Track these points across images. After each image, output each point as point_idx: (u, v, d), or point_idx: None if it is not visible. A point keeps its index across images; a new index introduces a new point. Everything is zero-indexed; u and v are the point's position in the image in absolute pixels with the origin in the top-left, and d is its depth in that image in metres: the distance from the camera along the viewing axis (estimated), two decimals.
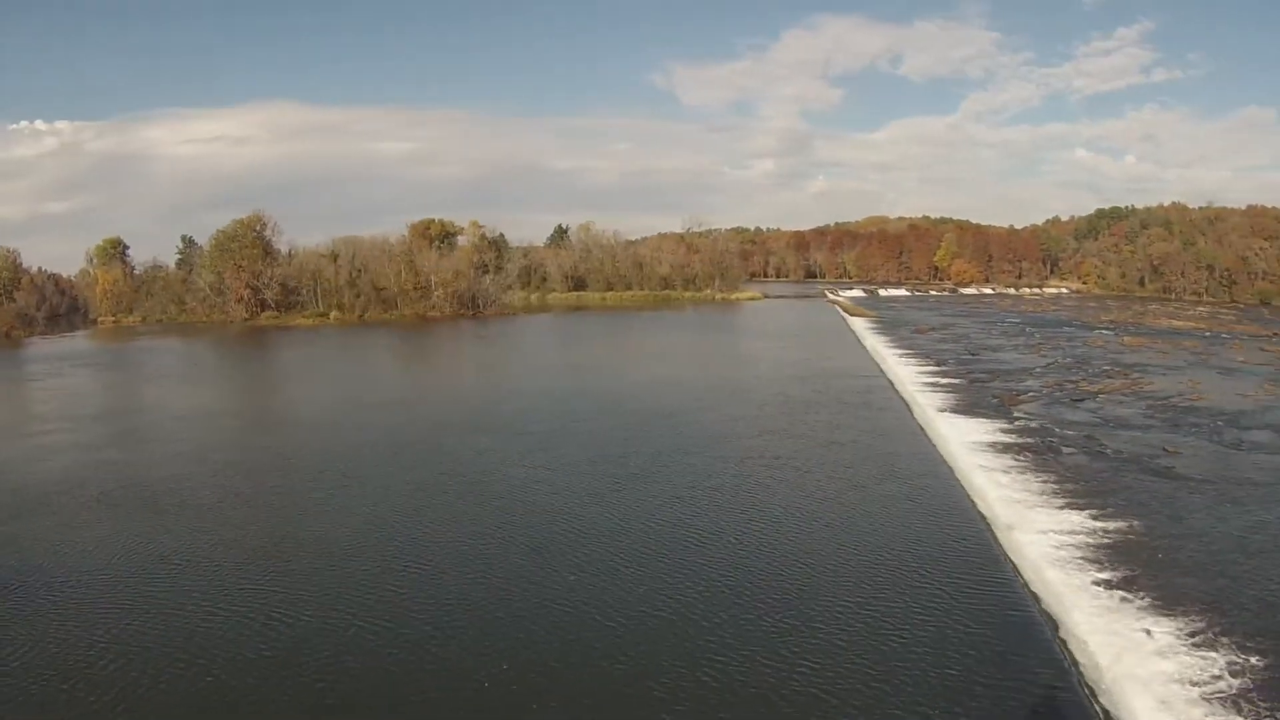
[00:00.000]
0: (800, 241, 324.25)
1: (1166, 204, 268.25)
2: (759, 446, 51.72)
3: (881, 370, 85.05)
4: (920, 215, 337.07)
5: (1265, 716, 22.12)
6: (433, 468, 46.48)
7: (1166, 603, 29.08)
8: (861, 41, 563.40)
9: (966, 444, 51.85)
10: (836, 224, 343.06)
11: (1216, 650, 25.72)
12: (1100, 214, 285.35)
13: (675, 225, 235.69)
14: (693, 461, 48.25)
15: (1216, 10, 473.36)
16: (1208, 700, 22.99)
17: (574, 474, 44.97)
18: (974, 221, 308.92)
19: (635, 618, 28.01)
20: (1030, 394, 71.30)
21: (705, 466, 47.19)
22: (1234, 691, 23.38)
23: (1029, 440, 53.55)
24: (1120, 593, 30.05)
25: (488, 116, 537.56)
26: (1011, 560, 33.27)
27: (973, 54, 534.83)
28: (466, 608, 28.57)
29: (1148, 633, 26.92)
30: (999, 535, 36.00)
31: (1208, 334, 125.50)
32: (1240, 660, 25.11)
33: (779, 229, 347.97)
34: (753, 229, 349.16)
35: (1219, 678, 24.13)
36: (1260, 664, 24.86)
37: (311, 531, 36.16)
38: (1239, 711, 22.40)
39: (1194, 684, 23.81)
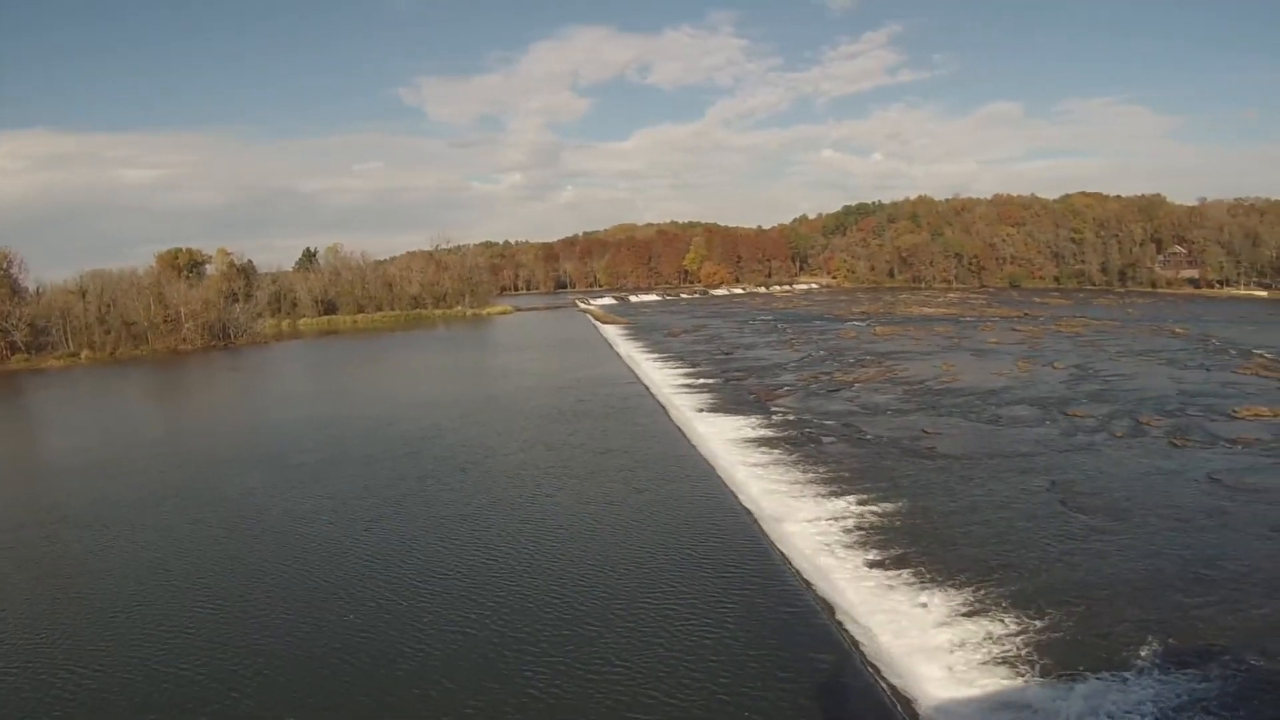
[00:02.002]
0: (549, 253, 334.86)
1: (913, 198, 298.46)
2: (529, 459, 52.92)
3: (638, 376, 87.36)
4: (669, 221, 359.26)
5: (1046, 672, 24.19)
6: (207, 508, 46.19)
7: (941, 575, 31.34)
8: (611, 52, 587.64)
9: (727, 441, 54.15)
10: (585, 234, 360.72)
11: (994, 615, 27.94)
12: (848, 210, 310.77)
13: (425, 243, 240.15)
14: (468, 478, 49.08)
15: (962, 12, 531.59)
16: (991, 663, 24.87)
17: (349, 502, 45.68)
18: (723, 224, 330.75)
19: (434, 643, 28.07)
20: (786, 388, 75.24)
21: (480, 482, 48.23)
22: (1015, 651, 25.45)
23: (789, 433, 56.48)
24: (894, 571, 32.04)
25: (239, 139, 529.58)
26: (781, 551, 34.74)
27: (721, 62, 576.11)
28: (253, 653, 28.22)
29: (925, 606, 28.86)
30: (766, 528, 37.56)
31: (959, 319, 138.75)
32: (1018, 621, 27.41)
33: (528, 241, 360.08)
34: (501, 243, 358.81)
35: (999, 640, 26.16)
36: (1037, 623, 27.26)
37: (87, 584, 35.50)
38: (1022, 671, 24.38)
39: (976, 649, 25.69)
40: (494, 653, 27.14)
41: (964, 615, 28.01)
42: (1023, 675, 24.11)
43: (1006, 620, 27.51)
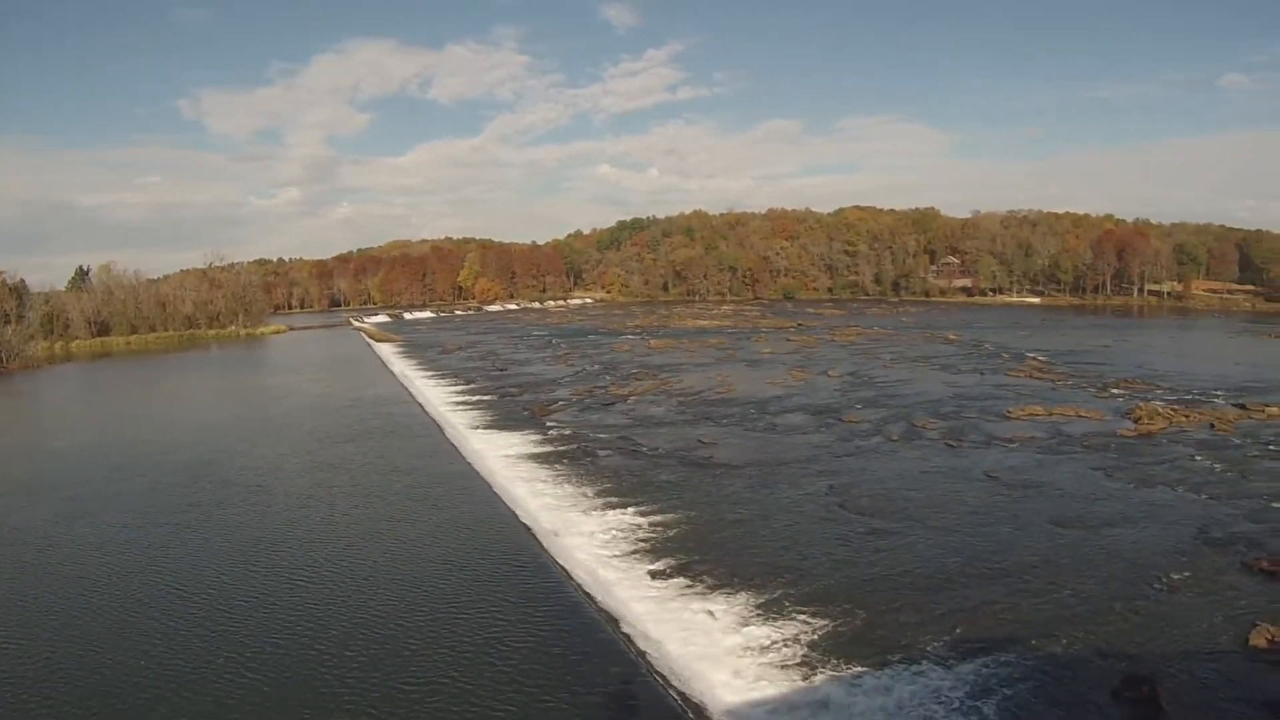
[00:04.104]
0: (324, 270, 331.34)
1: (689, 212, 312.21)
2: (316, 481, 51.94)
3: (412, 395, 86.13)
4: (445, 237, 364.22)
5: (838, 670, 25.10)
6: None
7: (726, 582, 31.99)
8: (392, 66, 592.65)
9: (503, 458, 54.10)
10: (360, 250, 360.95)
11: (783, 618, 28.75)
12: (622, 225, 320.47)
13: (201, 260, 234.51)
14: (257, 502, 47.90)
15: (744, 32, 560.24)
16: (782, 664, 25.56)
17: (139, 532, 43.82)
18: (497, 240, 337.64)
19: (241, 673, 27.17)
20: (561, 403, 75.60)
21: (270, 506, 47.25)
22: (806, 652, 26.30)
23: (565, 448, 56.78)
24: (677, 580, 32.49)
25: (16, 150, 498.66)
26: (561, 565, 34.69)
27: (503, 77, 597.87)
28: (43, 698, 26.70)
29: (710, 614, 29.36)
30: (545, 543, 37.53)
31: (733, 330, 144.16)
32: (808, 622, 28.31)
33: (302, 259, 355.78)
34: (276, 260, 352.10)
35: (789, 642, 26.92)
36: (827, 623, 28.28)
37: None
38: (813, 670, 25.21)
39: (766, 652, 26.33)
40: (304, 680, 26.52)
41: (752, 620, 28.69)
42: (814, 674, 24.88)
43: (795, 622, 28.35)
